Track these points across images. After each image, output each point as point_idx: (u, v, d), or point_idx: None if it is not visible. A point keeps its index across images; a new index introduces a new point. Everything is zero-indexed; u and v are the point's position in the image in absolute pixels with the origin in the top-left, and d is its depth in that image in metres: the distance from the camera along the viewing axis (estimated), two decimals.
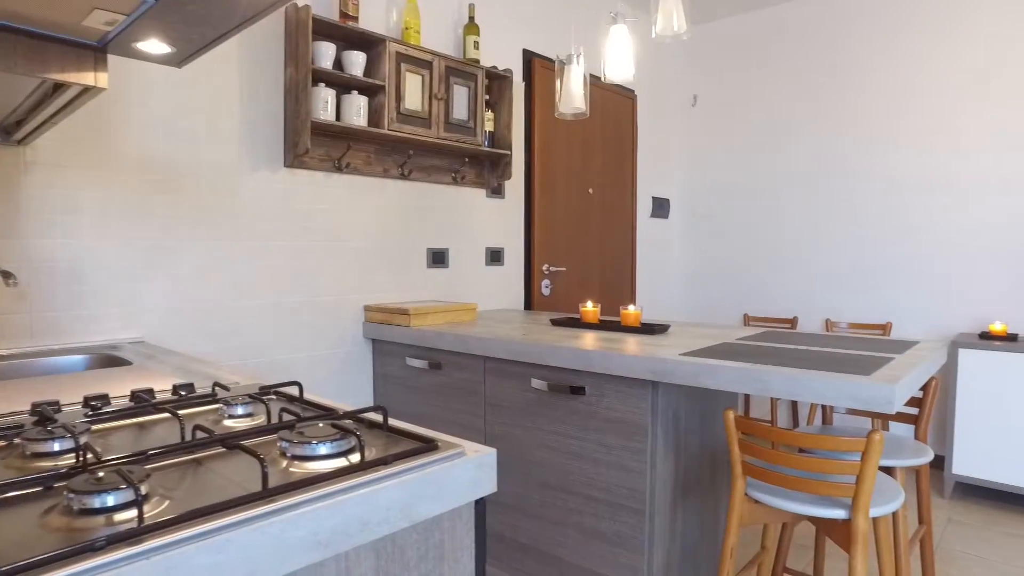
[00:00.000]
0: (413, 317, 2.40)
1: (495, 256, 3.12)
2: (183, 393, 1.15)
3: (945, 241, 3.53)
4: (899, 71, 3.64)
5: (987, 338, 3.15)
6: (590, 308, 2.31)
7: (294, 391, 1.46)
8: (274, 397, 1.22)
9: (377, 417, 1.04)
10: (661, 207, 4.33)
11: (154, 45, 1.11)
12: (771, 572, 2.29)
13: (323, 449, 0.86)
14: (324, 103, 2.29)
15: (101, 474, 0.71)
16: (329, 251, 2.48)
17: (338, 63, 2.42)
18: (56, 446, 0.86)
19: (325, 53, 2.29)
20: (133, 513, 0.66)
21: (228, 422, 1.04)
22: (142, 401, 1.10)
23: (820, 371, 1.53)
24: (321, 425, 0.91)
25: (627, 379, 1.81)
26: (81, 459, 0.83)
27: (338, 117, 2.39)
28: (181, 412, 1.10)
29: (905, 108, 3.63)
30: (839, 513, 1.52)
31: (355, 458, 0.84)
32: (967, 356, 3.10)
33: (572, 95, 2.28)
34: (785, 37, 4.05)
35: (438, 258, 2.85)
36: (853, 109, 3.81)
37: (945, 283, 3.54)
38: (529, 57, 3.25)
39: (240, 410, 1.06)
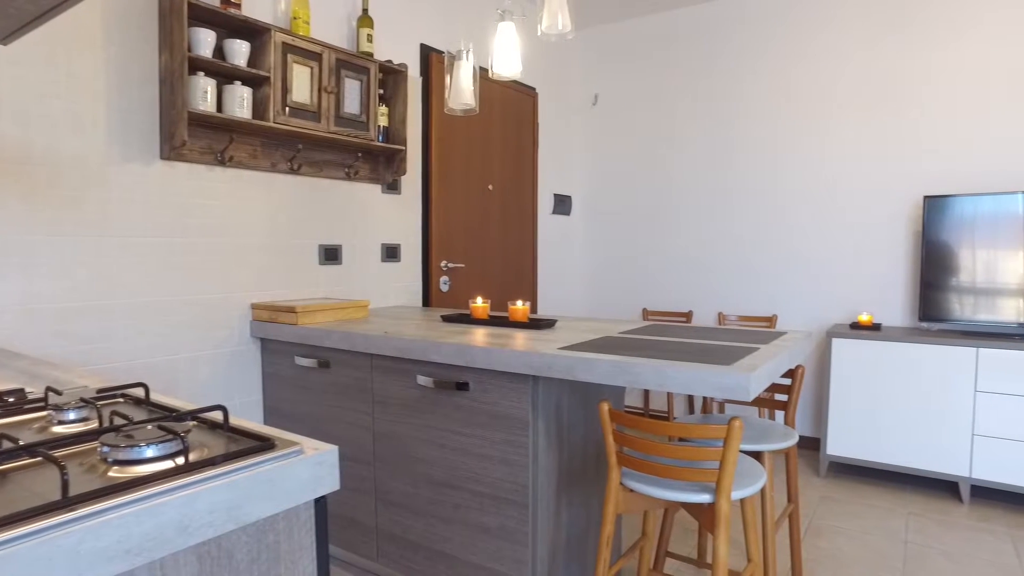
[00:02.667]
0: (300, 315, 2.34)
1: (391, 252, 3.08)
2: (11, 400, 1.07)
3: (821, 240, 3.78)
4: (774, 78, 3.87)
5: (856, 328, 3.40)
6: (480, 304, 2.32)
7: (140, 392, 1.39)
8: (121, 400, 1.15)
9: (218, 416, 1.00)
10: (563, 204, 4.41)
11: None
12: (653, 557, 2.38)
13: (149, 452, 0.82)
14: (203, 93, 2.19)
15: None
16: (213, 247, 2.37)
17: (219, 51, 2.31)
18: None
19: (204, 40, 2.19)
20: None
21: (57, 428, 0.98)
22: None
23: (685, 362, 1.60)
24: (150, 428, 0.87)
25: (508, 374, 1.83)
26: None
27: (220, 108, 2.29)
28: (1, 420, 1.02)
29: (781, 115, 3.86)
30: (705, 497, 1.59)
31: (182, 460, 0.81)
32: (839, 345, 3.33)
33: (461, 90, 2.28)
34: (677, 41, 4.22)
35: (331, 255, 2.79)
36: (738, 113, 4.01)
37: (822, 279, 3.80)
38: (427, 52, 3.23)
39: (72, 415, 1.00)
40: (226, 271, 2.42)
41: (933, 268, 3.24)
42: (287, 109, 2.42)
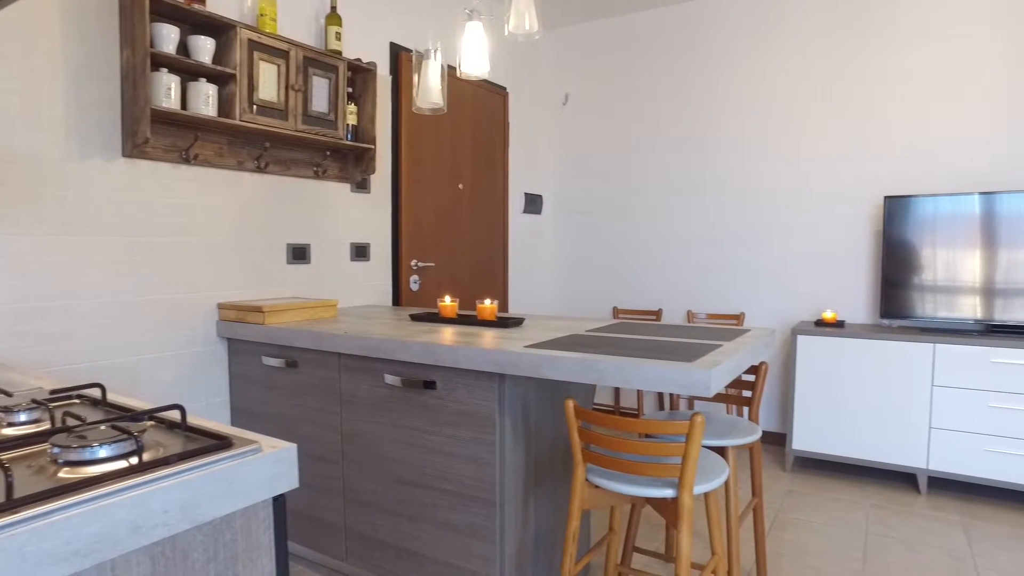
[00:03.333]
0: (268, 315, 2.32)
1: (360, 252, 3.07)
2: None
3: (788, 239, 3.86)
4: (743, 80, 3.93)
5: (821, 325, 3.47)
6: (448, 303, 2.33)
7: (96, 393, 1.37)
8: (77, 401, 1.14)
9: (175, 416, 0.99)
10: (534, 203, 4.43)
11: None
12: (621, 552, 2.41)
13: (102, 452, 0.81)
14: (167, 90, 2.16)
15: None
16: (178, 246, 2.34)
17: (184, 48, 2.28)
18: None
19: (167, 36, 2.16)
20: None
21: (7, 431, 0.96)
22: None
23: (647, 359, 1.62)
24: (103, 428, 0.86)
25: (475, 372, 1.84)
26: None
27: (184, 106, 2.26)
28: None
29: (749, 116, 3.93)
30: (668, 492, 1.62)
31: (136, 460, 0.80)
32: (804, 342, 3.40)
33: (429, 89, 2.28)
34: (647, 43, 4.26)
35: (299, 254, 2.77)
36: (707, 114, 4.07)
37: (789, 277, 3.87)
38: (396, 51, 3.22)
39: (23, 417, 0.99)
40: (192, 270, 2.39)
41: (893, 267, 3.33)
42: (254, 107, 2.39)
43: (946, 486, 3.28)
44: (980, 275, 3.13)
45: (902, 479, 3.38)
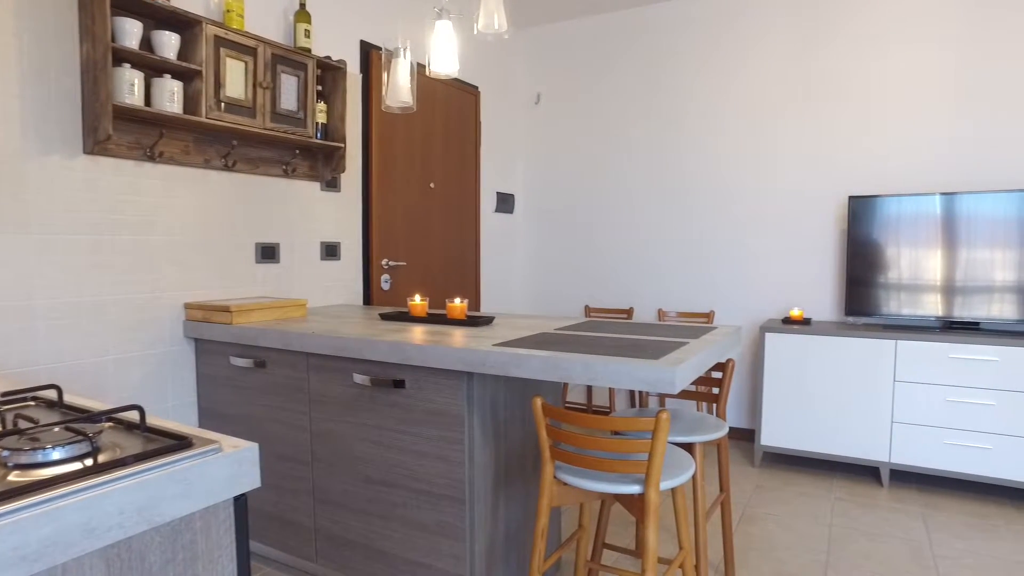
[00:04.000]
0: (235, 314, 2.29)
1: (331, 251, 3.04)
2: None
3: (757, 238, 3.92)
4: (713, 81, 3.99)
5: (788, 323, 3.54)
6: (418, 302, 2.33)
7: (52, 395, 1.34)
8: (32, 403, 1.11)
9: (134, 416, 0.98)
10: (506, 202, 4.44)
11: None
12: (591, 548, 2.44)
13: (56, 455, 0.80)
14: (129, 86, 2.12)
15: None
16: (142, 246, 2.30)
17: (147, 43, 2.24)
18: None
19: (129, 31, 2.12)
20: None
21: None
22: None
23: (613, 357, 1.64)
24: (57, 430, 0.85)
25: (444, 371, 1.84)
26: None
27: (148, 102, 2.22)
28: None
29: (720, 117, 3.98)
30: (635, 488, 1.64)
31: (91, 461, 0.79)
32: (772, 339, 3.46)
33: (399, 88, 2.28)
34: (619, 43, 4.30)
35: (268, 253, 2.74)
36: (678, 114, 4.12)
37: (758, 275, 3.94)
38: (367, 49, 3.20)
39: None
40: (158, 270, 2.35)
41: (858, 265, 3.41)
42: (221, 104, 2.36)
43: (907, 478, 3.37)
44: (941, 273, 3.22)
45: (866, 472, 3.46)
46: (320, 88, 2.81)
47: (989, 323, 3.21)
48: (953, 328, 3.23)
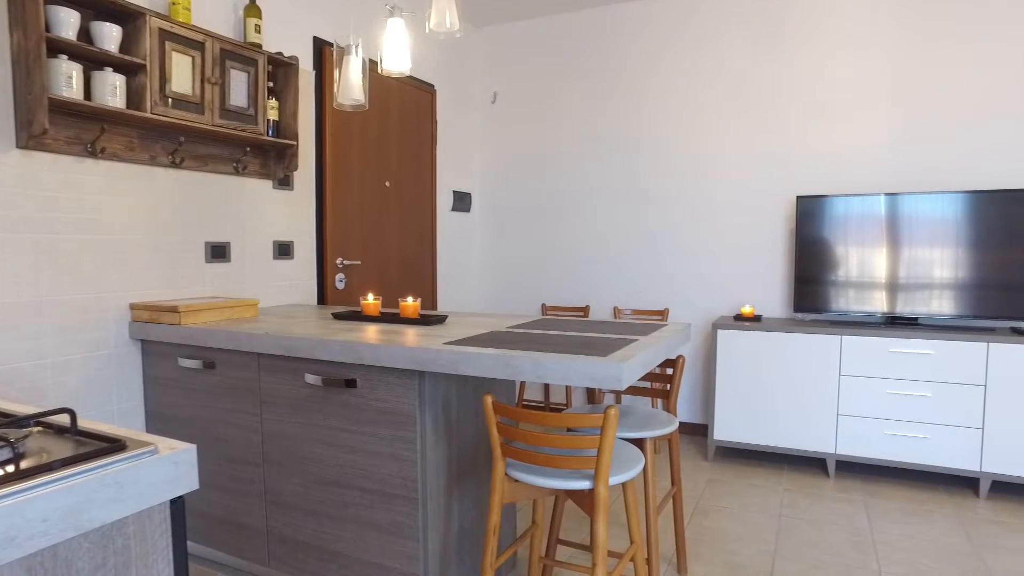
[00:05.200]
0: (183, 315, 2.24)
1: (284, 250, 3.00)
2: None
3: (710, 237, 4.01)
4: (668, 82, 4.06)
5: (739, 319, 3.63)
6: (371, 301, 2.31)
7: None
8: None
9: (65, 420, 0.96)
10: (462, 201, 4.43)
11: None
12: (545, 544, 2.46)
13: None
14: (67, 78, 2.05)
15: None
16: (83, 245, 2.23)
17: (86, 34, 2.17)
18: None
19: (65, 20, 2.04)
20: None
21: None
22: None
23: (562, 354, 1.66)
24: None
25: (396, 370, 1.84)
26: None
27: (88, 96, 2.15)
28: None
29: (673, 118, 4.06)
30: (585, 484, 1.66)
31: (12, 468, 0.77)
32: (724, 335, 3.54)
33: (351, 85, 2.26)
34: (575, 43, 4.34)
35: (218, 252, 2.68)
36: (633, 114, 4.18)
37: (711, 273, 4.03)
38: (320, 45, 3.16)
39: None
40: (101, 269, 2.28)
41: (806, 263, 3.51)
42: (167, 100, 2.30)
43: (852, 468, 3.49)
44: (885, 271, 3.35)
45: (814, 464, 3.57)
46: (272, 85, 2.76)
47: (928, 318, 3.35)
48: (895, 323, 3.36)
